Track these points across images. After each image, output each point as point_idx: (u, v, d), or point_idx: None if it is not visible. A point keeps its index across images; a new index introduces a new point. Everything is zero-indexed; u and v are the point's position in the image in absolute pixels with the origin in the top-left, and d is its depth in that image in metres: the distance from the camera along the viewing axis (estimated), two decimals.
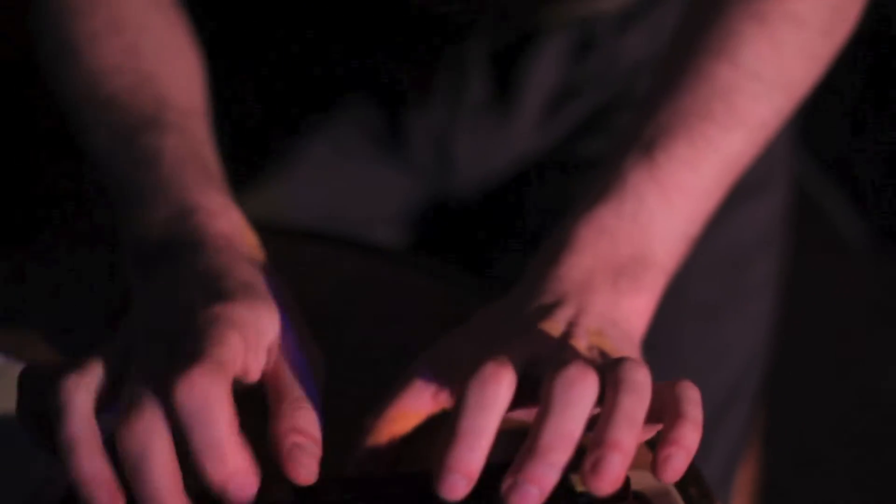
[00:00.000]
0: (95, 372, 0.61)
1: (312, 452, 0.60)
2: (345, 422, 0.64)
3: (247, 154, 1.04)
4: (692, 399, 0.60)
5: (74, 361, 0.62)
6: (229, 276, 0.65)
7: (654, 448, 0.59)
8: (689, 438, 0.58)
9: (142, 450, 0.57)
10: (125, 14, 0.81)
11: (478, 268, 1.03)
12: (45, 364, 0.63)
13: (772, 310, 1.03)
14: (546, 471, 0.57)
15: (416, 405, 0.64)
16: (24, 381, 0.63)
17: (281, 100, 1.05)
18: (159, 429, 0.57)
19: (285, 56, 1.05)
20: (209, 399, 0.56)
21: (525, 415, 0.63)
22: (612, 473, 0.57)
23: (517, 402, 0.62)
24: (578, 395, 0.58)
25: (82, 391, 0.60)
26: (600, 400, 0.60)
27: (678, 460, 0.58)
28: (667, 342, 0.92)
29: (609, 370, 0.60)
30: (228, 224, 0.70)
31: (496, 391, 0.58)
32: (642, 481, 0.63)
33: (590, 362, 0.62)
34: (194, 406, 0.56)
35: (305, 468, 0.59)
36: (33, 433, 0.63)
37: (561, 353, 0.63)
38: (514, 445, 0.59)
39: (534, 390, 0.60)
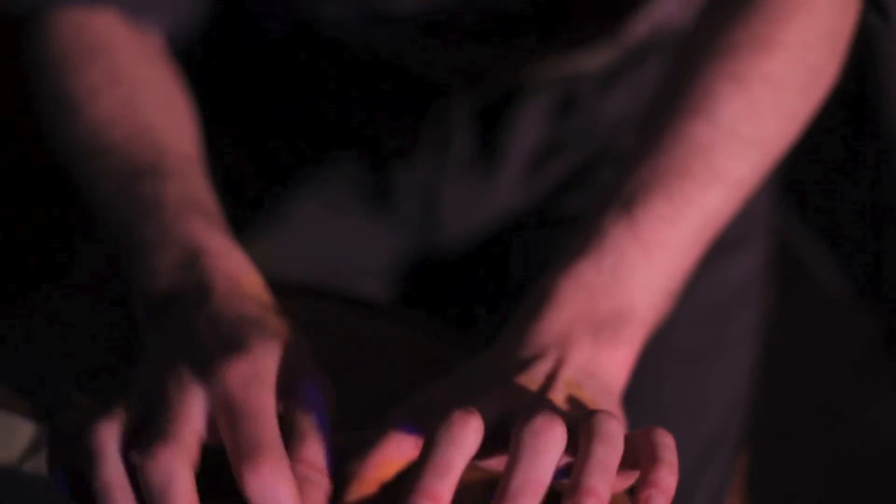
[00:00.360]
0: (121, 418, 0.64)
1: (320, 485, 0.62)
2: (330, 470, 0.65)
3: (237, 210, 1.05)
4: (667, 444, 0.62)
5: (102, 410, 0.64)
6: (237, 321, 0.67)
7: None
8: (666, 480, 0.60)
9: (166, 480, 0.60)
10: (121, 68, 0.83)
11: (463, 320, 1.04)
12: (72, 416, 0.65)
13: (753, 360, 1.04)
14: None
15: (398, 453, 0.65)
16: (53, 435, 0.65)
17: (269, 156, 1.07)
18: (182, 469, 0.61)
19: (274, 114, 1.07)
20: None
21: (501, 464, 0.64)
22: None
23: (493, 451, 0.64)
24: (545, 443, 0.60)
25: (112, 437, 0.63)
26: (574, 451, 0.61)
27: (657, 502, 0.60)
28: (650, 392, 0.93)
29: (582, 422, 0.62)
30: (233, 265, 0.71)
31: (463, 432, 0.61)
32: None
33: (562, 414, 0.64)
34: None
35: (313, 502, 0.62)
36: (65, 487, 0.65)
37: (533, 405, 0.64)
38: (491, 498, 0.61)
39: (509, 441, 0.62)
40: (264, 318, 0.68)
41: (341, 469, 0.65)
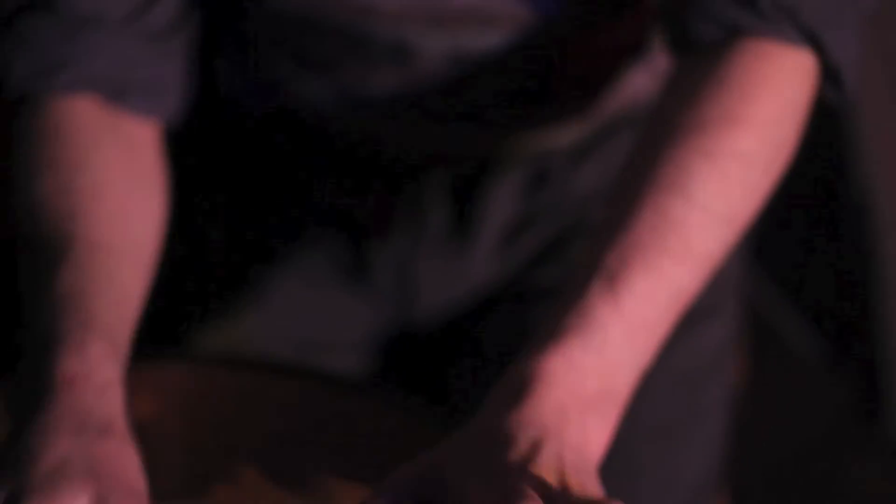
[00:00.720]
0: None
1: None
2: None
3: (216, 287, 1.06)
4: None
5: None
6: (68, 417, 0.69)
7: None
8: None
9: None
10: (64, 153, 0.82)
11: (439, 393, 1.05)
12: None
13: (725, 427, 1.05)
14: None
15: None
16: None
17: (248, 233, 1.08)
18: None
19: (252, 191, 1.08)
20: None
21: None
22: None
23: None
24: None
25: None
26: None
27: None
28: (623, 462, 0.93)
29: None
30: (82, 363, 0.71)
31: None
32: None
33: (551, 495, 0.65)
34: None
35: None
36: None
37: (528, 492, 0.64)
38: None
39: None
40: (90, 423, 0.69)
41: None
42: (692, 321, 0.91)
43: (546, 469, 0.67)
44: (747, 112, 0.78)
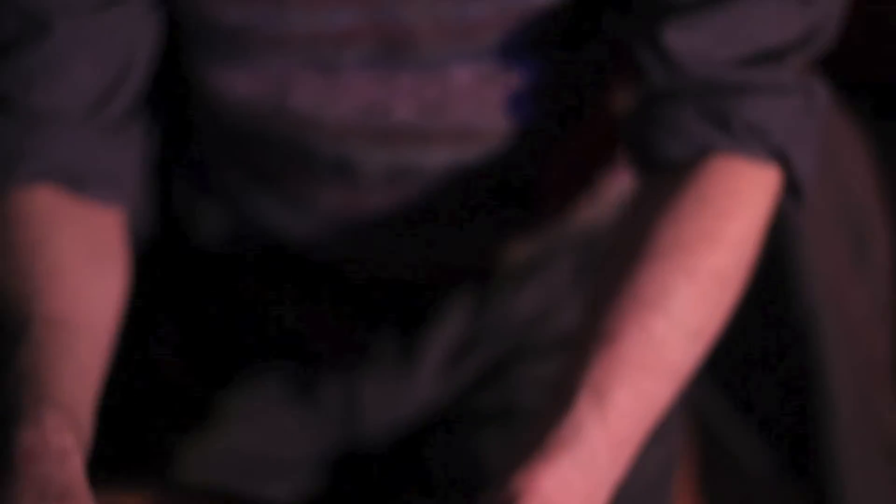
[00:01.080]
0: None
1: None
2: None
3: (166, 408, 1.07)
4: None
5: None
6: (28, 488, 0.69)
7: None
8: None
9: None
10: (24, 237, 0.83)
11: None
12: None
13: None
14: None
15: None
16: None
17: (196, 355, 1.09)
18: None
19: (200, 313, 1.09)
20: None
21: None
22: None
23: None
24: None
25: None
26: None
27: None
28: None
29: None
30: (37, 434, 0.72)
31: None
32: None
33: None
34: None
35: None
36: None
37: None
38: None
39: None
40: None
41: None
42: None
43: None
44: (724, 231, 0.81)
